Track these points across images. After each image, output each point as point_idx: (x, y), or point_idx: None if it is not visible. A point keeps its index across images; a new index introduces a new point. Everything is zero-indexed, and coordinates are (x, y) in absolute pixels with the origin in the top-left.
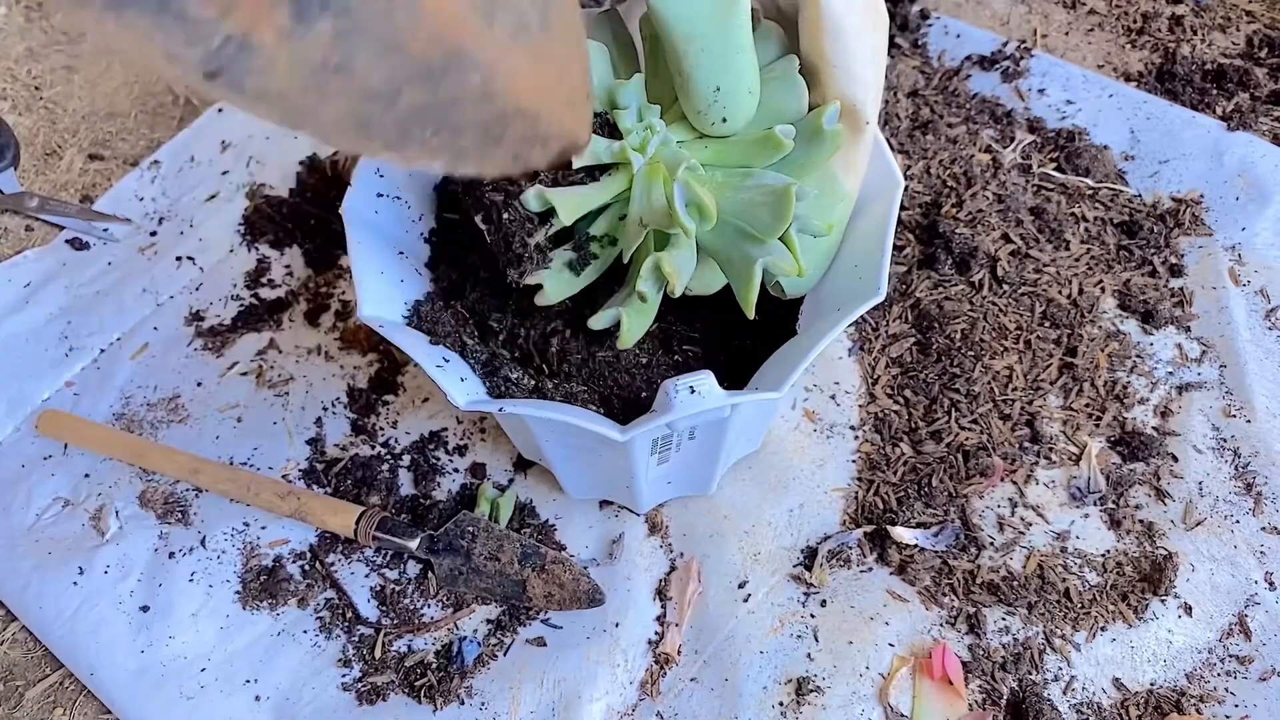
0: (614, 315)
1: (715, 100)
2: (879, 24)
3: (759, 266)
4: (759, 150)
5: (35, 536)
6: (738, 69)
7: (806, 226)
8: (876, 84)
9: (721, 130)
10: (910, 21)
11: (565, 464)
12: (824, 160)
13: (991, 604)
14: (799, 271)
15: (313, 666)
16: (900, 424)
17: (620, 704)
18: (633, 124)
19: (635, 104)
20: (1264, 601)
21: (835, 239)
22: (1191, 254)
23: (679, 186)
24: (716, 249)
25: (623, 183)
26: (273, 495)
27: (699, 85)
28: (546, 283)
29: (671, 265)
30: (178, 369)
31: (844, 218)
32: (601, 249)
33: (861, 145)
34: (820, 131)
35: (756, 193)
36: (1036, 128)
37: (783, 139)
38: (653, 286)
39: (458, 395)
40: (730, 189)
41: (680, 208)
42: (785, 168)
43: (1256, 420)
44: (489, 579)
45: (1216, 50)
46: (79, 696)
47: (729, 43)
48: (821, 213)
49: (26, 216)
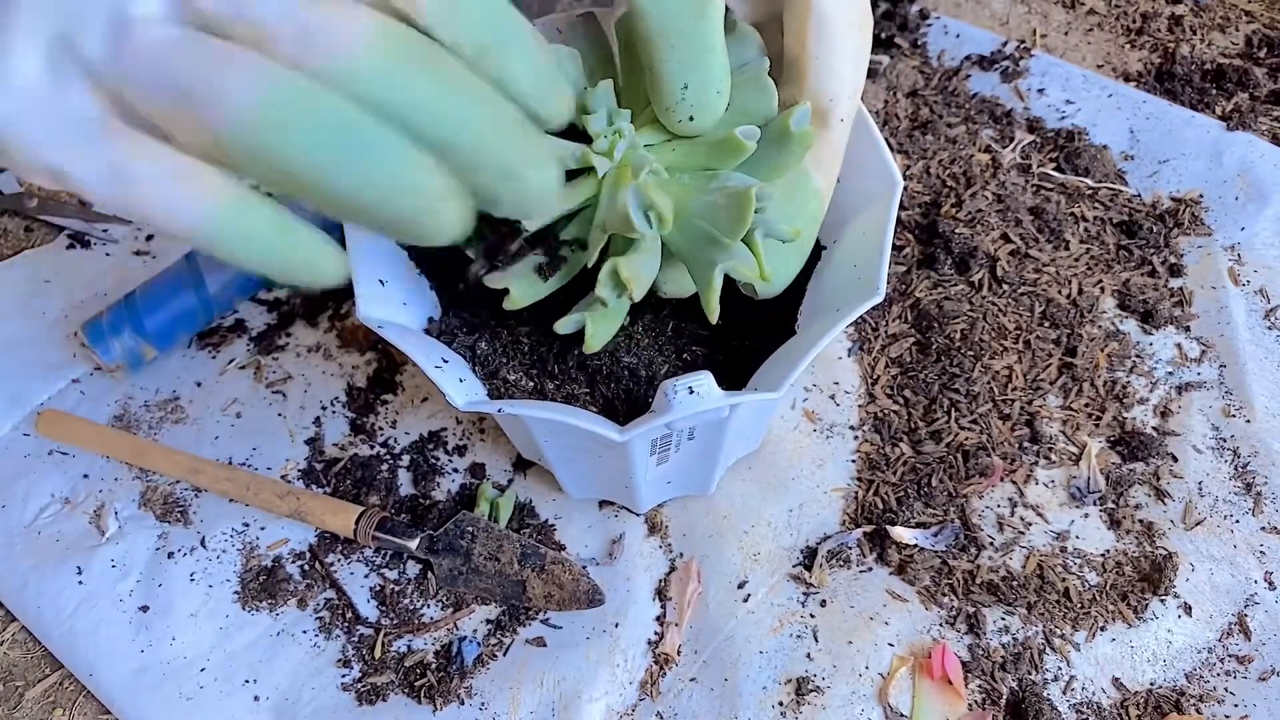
0: (579, 320)
1: (682, 99)
2: (864, 23)
3: (718, 271)
4: (722, 152)
5: (34, 536)
6: (706, 68)
7: (773, 230)
8: (855, 81)
9: (688, 129)
10: (910, 21)
11: (565, 464)
12: (794, 162)
13: (991, 604)
14: (762, 275)
15: (312, 667)
16: (900, 424)
17: (620, 704)
18: (602, 128)
19: (605, 108)
20: (1264, 601)
21: (809, 238)
22: (1191, 254)
23: (633, 191)
24: (683, 252)
25: (592, 187)
26: (272, 495)
27: (667, 82)
28: (513, 287)
29: (629, 270)
30: (177, 369)
31: (816, 214)
32: (571, 253)
33: (834, 141)
34: (789, 133)
35: (719, 195)
36: (1036, 128)
37: (743, 140)
38: (611, 292)
39: (456, 396)
40: (696, 192)
41: (635, 213)
42: (755, 169)
43: (1256, 420)
44: (489, 579)
45: (1216, 50)
46: (78, 697)
47: (699, 41)
48: (790, 213)
49: (26, 217)
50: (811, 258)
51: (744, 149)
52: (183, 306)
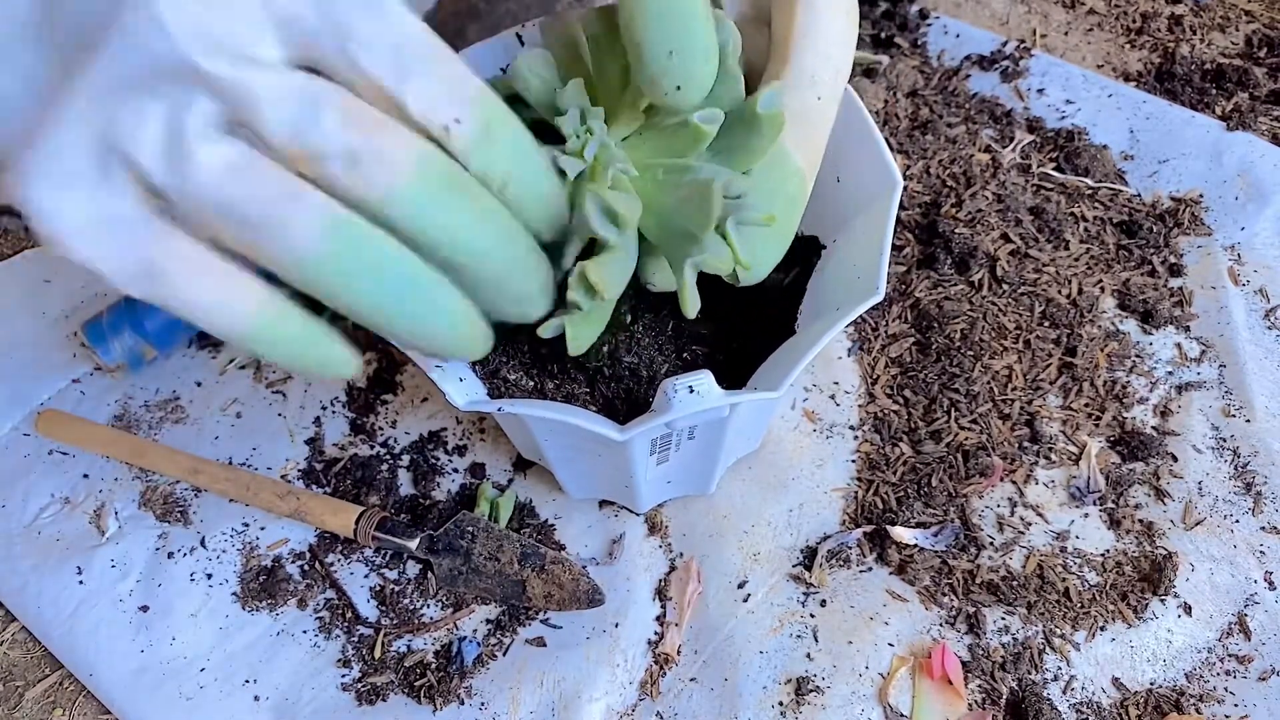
0: (559, 325)
1: (668, 67)
2: (851, 10)
3: (690, 265)
4: (686, 140)
5: (34, 536)
6: (691, 33)
7: (745, 218)
8: (839, 62)
9: (676, 101)
10: (910, 21)
11: (565, 464)
12: (766, 145)
13: (991, 604)
14: (738, 264)
15: (312, 666)
16: (900, 424)
17: (620, 704)
18: (574, 128)
19: (576, 106)
20: (1264, 601)
21: (790, 220)
22: (1191, 254)
23: (591, 198)
24: (662, 246)
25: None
26: (272, 495)
27: (651, 49)
28: None
29: (597, 274)
30: (177, 369)
31: (796, 195)
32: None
33: (815, 120)
34: (757, 116)
35: (688, 189)
36: (1036, 127)
37: (702, 126)
38: (584, 295)
39: (456, 396)
40: (671, 185)
41: (595, 218)
42: (729, 155)
43: (1256, 420)
44: (488, 579)
45: (1216, 50)
46: (78, 697)
47: (682, 5)
48: (769, 194)
49: None
50: (812, 257)
51: (705, 135)
52: None
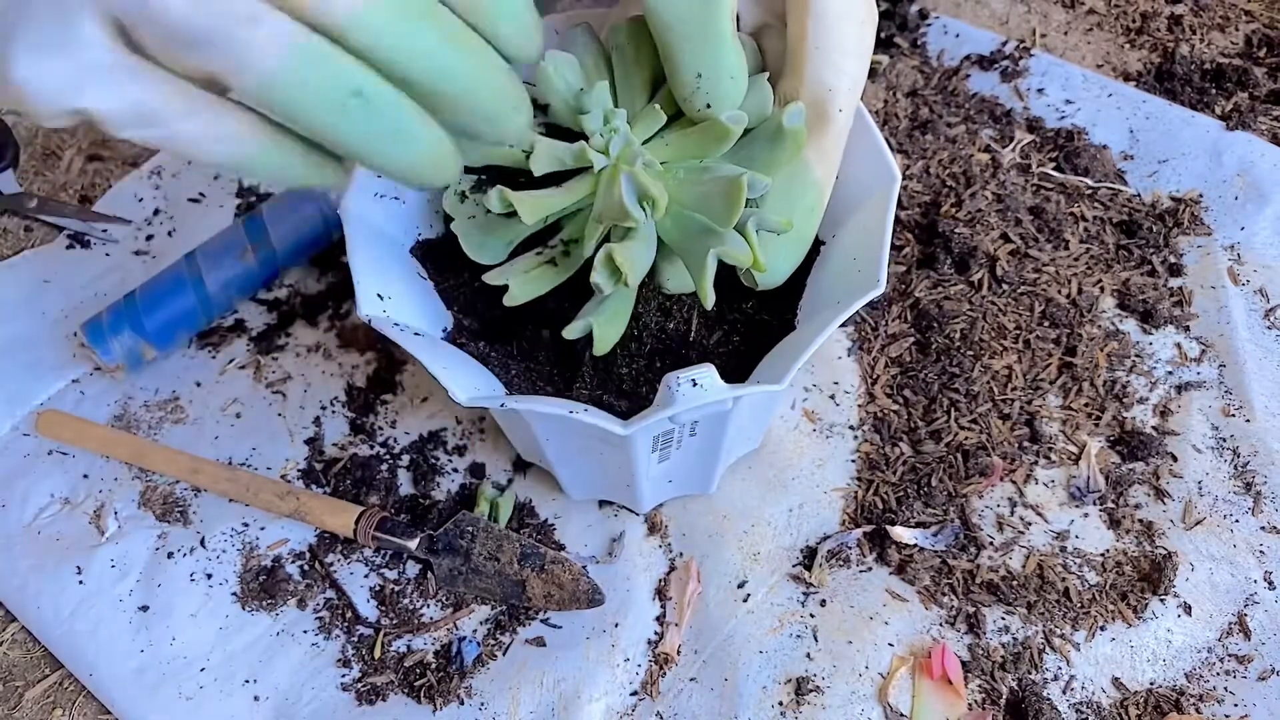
0: (586, 325)
1: (698, 87)
2: (868, 18)
3: (712, 256)
4: (711, 139)
5: (34, 536)
6: (717, 55)
7: (765, 223)
8: (855, 74)
9: (707, 117)
10: (909, 21)
11: (566, 464)
12: (788, 158)
13: (991, 604)
14: (754, 262)
15: (312, 667)
16: (900, 424)
17: (620, 704)
18: (597, 127)
19: (600, 108)
20: (1263, 601)
21: (808, 229)
22: (1190, 253)
23: (627, 178)
24: (678, 244)
25: (589, 185)
26: (272, 495)
27: (682, 74)
28: (512, 283)
29: (623, 255)
30: (177, 369)
31: (814, 205)
32: (570, 251)
33: (833, 133)
34: (781, 130)
35: (712, 184)
36: (1035, 127)
37: (728, 125)
38: (608, 278)
39: (458, 391)
40: (691, 184)
41: (630, 199)
42: (751, 165)
43: (1256, 420)
44: (488, 579)
45: (1215, 50)
46: (78, 697)
47: (708, 30)
48: (788, 204)
49: (26, 217)
50: (810, 253)
51: (730, 133)
52: (182, 306)
